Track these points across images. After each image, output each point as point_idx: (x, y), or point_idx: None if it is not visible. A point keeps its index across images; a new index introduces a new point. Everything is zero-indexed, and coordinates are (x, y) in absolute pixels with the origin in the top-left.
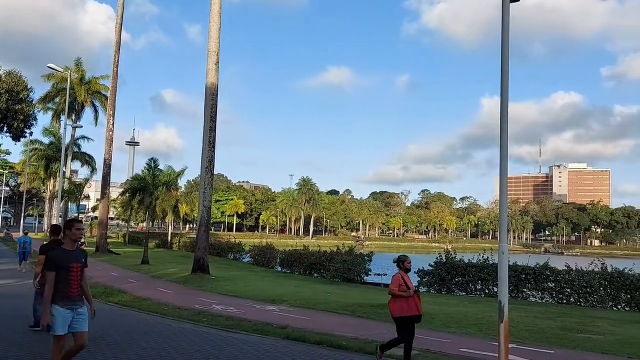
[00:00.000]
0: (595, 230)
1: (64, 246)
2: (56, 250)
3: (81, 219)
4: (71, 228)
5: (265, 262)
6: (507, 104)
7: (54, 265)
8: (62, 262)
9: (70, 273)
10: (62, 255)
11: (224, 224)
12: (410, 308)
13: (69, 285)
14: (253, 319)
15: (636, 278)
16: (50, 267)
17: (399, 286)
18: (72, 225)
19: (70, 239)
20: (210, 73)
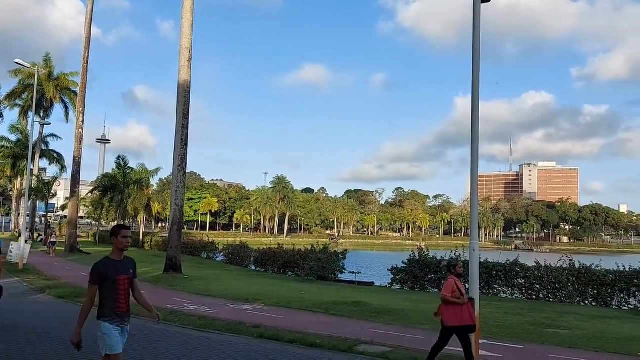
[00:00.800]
0: (564, 227)
1: (111, 255)
2: (102, 260)
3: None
4: (117, 235)
5: (239, 261)
6: (478, 103)
7: (97, 277)
8: (107, 273)
9: (117, 286)
10: (108, 266)
11: (197, 222)
12: (464, 317)
13: (116, 300)
14: (226, 319)
15: (603, 274)
16: (92, 280)
17: (453, 292)
18: (118, 232)
19: (116, 248)
20: (182, 70)
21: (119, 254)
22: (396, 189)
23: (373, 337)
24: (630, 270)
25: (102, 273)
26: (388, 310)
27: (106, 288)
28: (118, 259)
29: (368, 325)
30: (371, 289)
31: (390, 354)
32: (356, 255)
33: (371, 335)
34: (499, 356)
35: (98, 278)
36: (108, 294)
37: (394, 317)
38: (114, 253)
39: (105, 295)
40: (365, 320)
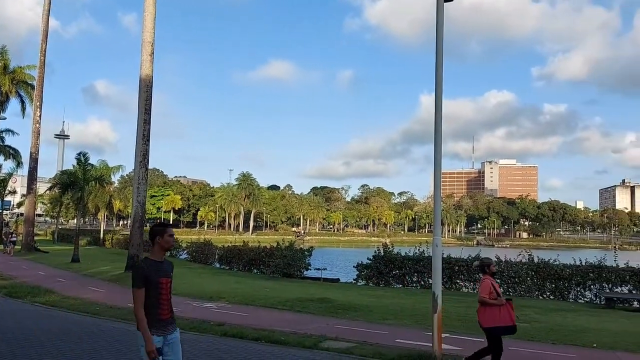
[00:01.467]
0: (524, 223)
1: (151, 256)
2: (143, 261)
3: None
4: (163, 234)
5: (203, 258)
6: (441, 101)
7: (142, 279)
8: (151, 275)
9: (160, 290)
10: (151, 268)
11: (160, 220)
12: (504, 318)
13: (158, 306)
14: (190, 317)
15: (560, 268)
16: (138, 283)
17: (490, 294)
18: (163, 231)
19: (160, 247)
20: (144, 64)
21: (162, 254)
22: (362, 185)
23: (338, 333)
24: (586, 264)
25: (146, 275)
26: (353, 306)
27: (148, 292)
28: (159, 260)
29: (333, 322)
30: (337, 285)
31: (354, 349)
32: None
33: (336, 332)
34: (461, 349)
35: (144, 280)
36: (149, 299)
37: (359, 312)
38: (156, 253)
39: (146, 301)
40: (331, 316)
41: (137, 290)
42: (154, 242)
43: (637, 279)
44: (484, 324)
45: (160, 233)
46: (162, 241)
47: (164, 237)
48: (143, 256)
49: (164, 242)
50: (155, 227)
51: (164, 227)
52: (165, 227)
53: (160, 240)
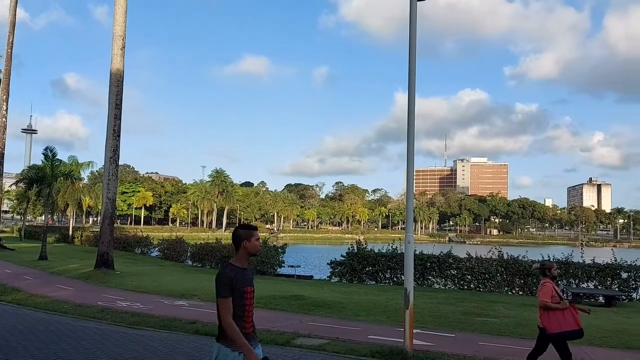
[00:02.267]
0: (494, 220)
1: (234, 262)
2: (228, 267)
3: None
4: (250, 238)
5: (175, 256)
6: (414, 99)
7: (229, 288)
8: (237, 284)
9: (245, 300)
10: (237, 275)
11: (131, 217)
12: (569, 322)
13: (242, 318)
14: (161, 315)
15: (529, 264)
16: (224, 291)
17: (552, 297)
18: (250, 234)
19: (246, 253)
20: (115, 58)
21: (247, 260)
22: (336, 183)
23: (311, 330)
24: (554, 260)
25: (232, 283)
26: (326, 303)
27: (233, 303)
28: (243, 267)
29: (306, 319)
30: (310, 282)
31: (327, 345)
32: (296, 249)
33: (309, 329)
34: (432, 344)
35: (230, 289)
36: (236, 310)
37: (332, 309)
38: (240, 259)
39: (234, 312)
40: (304, 313)
41: (224, 300)
42: (239, 247)
43: (602, 274)
44: (551, 330)
45: (247, 237)
46: (249, 246)
47: (251, 241)
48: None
49: (251, 247)
50: (241, 230)
51: (251, 230)
52: (252, 230)
53: (247, 244)
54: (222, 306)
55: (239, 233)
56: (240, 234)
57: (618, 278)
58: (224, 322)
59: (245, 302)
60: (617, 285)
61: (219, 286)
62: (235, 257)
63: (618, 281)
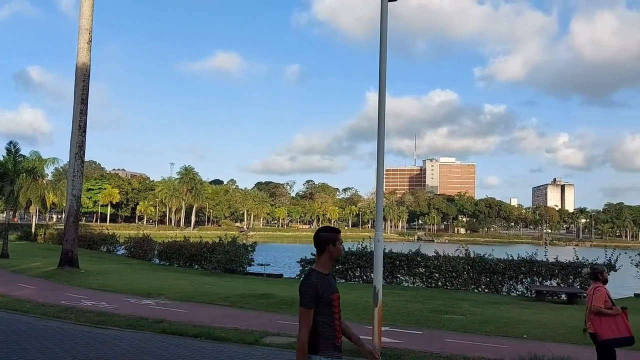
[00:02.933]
0: (462, 219)
1: (318, 268)
2: (312, 274)
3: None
4: (335, 242)
5: (142, 254)
6: (384, 99)
7: (313, 298)
8: (324, 292)
9: (334, 309)
10: (323, 283)
11: (96, 214)
12: (621, 329)
13: (334, 327)
14: (127, 314)
15: (494, 263)
16: (309, 302)
17: (605, 303)
18: (335, 237)
19: (331, 257)
20: (81, 52)
21: (330, 266)
22: (307, 181)
23: (280, 328)
24: (518, 259)
25: (318, 292)
26: (295, 302)
27: (321, 312)
28: (327, 273)
29: (275, 317)
30: (280, 281)
31: (293, 344)
32: (266, 247)
33: (278, 327)
34: (400, 342)
35: (315, 299)
36: (323, 319)
37: None
38: (325, 265)
39: (320, 322)
40: (273, 312)
41: (307, 311)
42: (324, 251)
43: (565, 273)
44: (603, 337)
45: (332, 240)
46: (334, 250)
47: (336, 246)
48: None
49: (336, 252)
50: (325, 233)
51: (336, 233)
52: (336, 234)
53: (333, 248)
54: (304, 317)
55: (324, 236)
56: (325, 237)
57: (580, 276)
58: (300, 335)
59: (334, 310)
60: (578, 283)
61: (304, 295)
62: (319, 262)
63: (580, 279)
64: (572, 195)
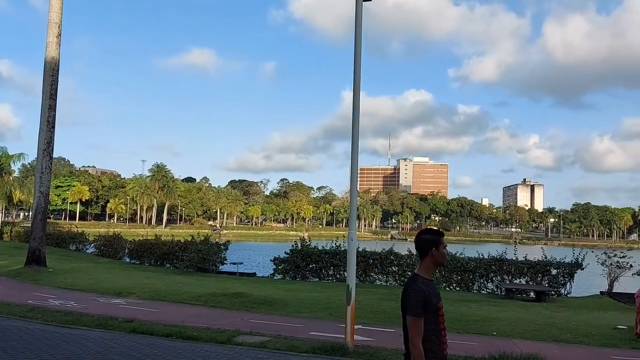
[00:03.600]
0: (435, 218)
1: (422, 273)
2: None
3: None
4: (438, 245)
5: (112, 253)
6: (358, 98)
7: (422, 305)
8: (432, 299)
9: (440, 318)
10: (430, 290)
11: (65, 212)
12: None
13: (440, 338)
14: (96, 314)
15: (465, 261)
16: (418, 310)
17: None
18: (439, 241)
19: (434, 262)
20: (50, 46)
21: (433, 271)
22: (281, 180)
23: (252, 327)
24: (489, 258)
25: (427, 299)
26: (268, 301)
27: (427, 321)
28: (430, 279)
29: (248, 316)
30: (253, 280)
31: (268, 343)
32: (239, 246)
33: (250, 326)
34: (372, 340)
35: (424, 306)
36: (429, 330)
37: (274, 306)
38: (428, 270)
39: (427, 333)
40: (245, 311)
41: (417, 320)
42: (426, 255)
43: (533, 271)
44: None
45: (435, 243)
46: (437, 254)
47: (440, 249)
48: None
49: (439, 256)
50: (428, 235)
51: (439, 236)
52: (440, 237)
53: (436, 252)
54: (414, 327)
55: (427, 239)
56: (428, 239)
57: (548, 274)
58: (413, 345)
59: (440, 319)
60: (547, 281)
61: (412, 303)
62: (421, 267)
63: (548, 277)
64: (541, 195)
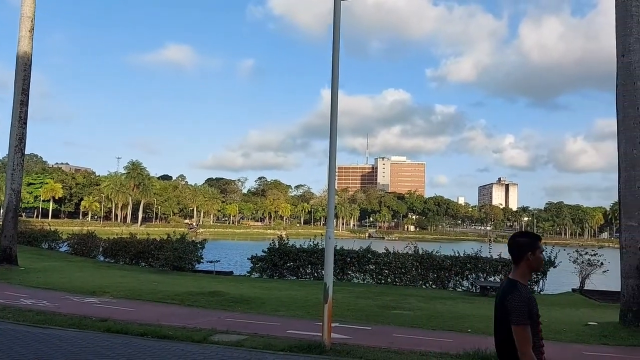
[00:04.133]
0: (412, 217)
1: (520, 279)
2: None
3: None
4: (535, 250)
5: (85, 251)
6: (336, 97)
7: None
8: (534, 307)
9: (539, 327)
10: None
11: (38, 209)
12: None
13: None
14: (69, 313)
15: (441, 259)
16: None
17: None
18: (535, 245)
19: (530, 268)
20: (23, 41)
21: (528, 278)
22: (259, 178)
23: (229, 326)
24: (464, 256)
25: (530, 307)
26: (245, 299)
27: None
28: (526, 285)
29: (224, 315)
30: (230, 278)
31: (245, 341)
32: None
33: (227, 325)
34: (349, 337)
35: (529, 314)
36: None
37: (251, 305)
38: (523, 276)
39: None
40: (222, 309)
41: (525, 329)
42: (522, 259)
43: (507, 269)
44: None
45: (532, 247)
46: (533, 259)
47: (536, 254)
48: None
49: (535, 261)
50: (524, 239)
51: (536, 240)
52: (537, 240)
53: (532, 257)
54: (522, 336)
55: (522, 242)
56: (524, 243)
57: None
58: (524, 354)
59: (538, 328)
60: None
61: (517, 312)
62: (516, 272)
63: None
64: (515, 194)
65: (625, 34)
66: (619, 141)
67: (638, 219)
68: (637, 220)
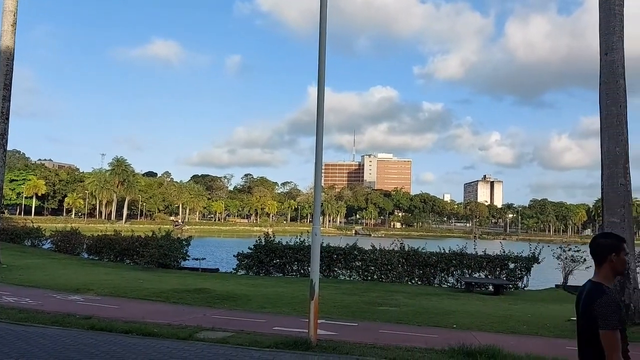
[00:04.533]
0: (398, 214)
1: (605, 282)
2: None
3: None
4: (619, 251)
5: (69, 248)
6: (323, 93)
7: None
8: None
9: (625, 332)
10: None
11: (20, 206)
12: None
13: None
14: (52, 311)
15: (427, 256)
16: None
17: None
18: (620, 247)
19: (613, 271)
20: (5, 35)
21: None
22: (245, 175)
23: (215, 323)
24: (450, 252)
25: (621, 310)
26: (231, 296)
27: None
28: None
29: (210, 312)
30: (216, 275)
31: (231, 338)
32: (202, 241)
33: (213, 322)
34: (335, 334)
35: (621, 320)
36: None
37: (237, 302)
38: (607, 278)
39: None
40: (208, 306)
41: (615, 334)
42: (604, 261)
43: (492, 265)
44: None
45: (616, 249)
46: (617, 261)
47: (620, 256)
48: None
49: (619, 263)
50: (607, 239)
51: (620, 241)
52: (620, 241)
53: (616, 259)
54: (611, 341)
55: (605, 243)
56: (607, 244)
57: (506, 268)
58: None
59: (626, 334)
60: (505, 275)
61: (609, 315)
62: (599, 274)
63: (506, 271)
64: (500, 191)
65: (608, 33)
66: (602, 139)
67: (620, 215)
68: (619, 217)
